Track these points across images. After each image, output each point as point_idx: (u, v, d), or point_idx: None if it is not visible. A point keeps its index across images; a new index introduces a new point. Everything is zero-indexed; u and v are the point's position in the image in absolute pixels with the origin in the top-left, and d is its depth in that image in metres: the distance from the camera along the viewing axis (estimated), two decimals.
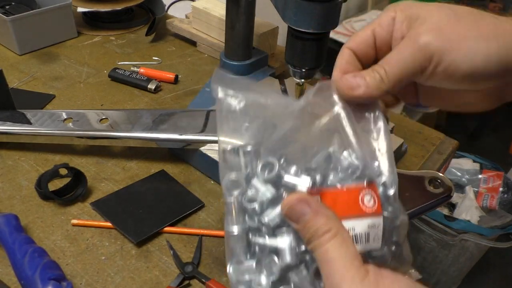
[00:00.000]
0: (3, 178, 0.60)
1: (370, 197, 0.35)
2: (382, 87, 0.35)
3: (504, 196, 1.59)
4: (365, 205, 0.34)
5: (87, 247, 0.52)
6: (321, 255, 0.31)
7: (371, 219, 0.34)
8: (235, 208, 0.35)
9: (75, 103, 0.76)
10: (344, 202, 0.34)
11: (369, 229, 0.34)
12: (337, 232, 0.32)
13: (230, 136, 0.36)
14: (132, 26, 1.01)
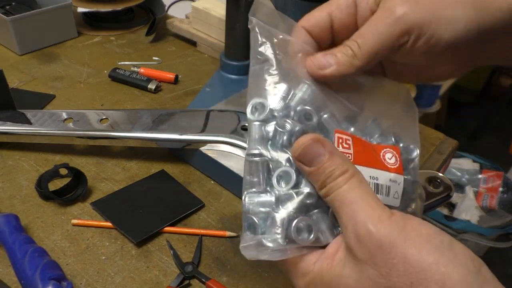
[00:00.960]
0: (4, 178, 0.60)
1: (392, 155, 0.35)
2: (355, 63, 0.33)
3: (503, 196, 1.60)
4: (387, 161, 0.35)
5: (87, 247, 0.52)
6: (340, 196, 0.30)
7: (393, 174, 0.34)
8: (259, 133, 0.33)
9: (75, 103, 0.76)
10: (370, 153, 0.34)
11: (391, 183, 0.34)
12: (354, 173, 0.30)
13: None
14: (132, 26, 1.01)
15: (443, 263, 0.26)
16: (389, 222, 0.28)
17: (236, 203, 0.59)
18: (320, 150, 0.30)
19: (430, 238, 0.27)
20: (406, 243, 0.27)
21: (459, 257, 0.27)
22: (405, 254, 0.27)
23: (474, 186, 1.63)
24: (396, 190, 0.34)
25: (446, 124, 2.30)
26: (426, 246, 0.27)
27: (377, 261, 0.27)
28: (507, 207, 1.57)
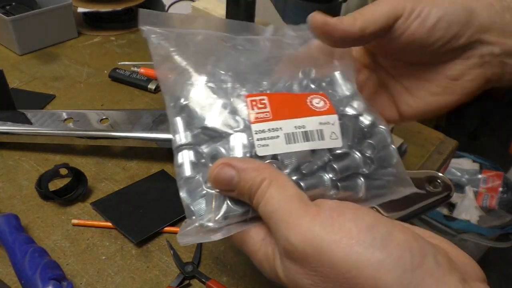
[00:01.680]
0: (4, 178, 0.60)
1: (319, 100, 0.35)
2: (357, 23, 0.36)
3: (503, 196, 1.60)
4: (314, 105, 0.34)
5: (87, 247, 0.52)
6: (264, 208, 0.29)
7: (323, 116, 0.33)
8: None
9: (75, 103, 0.76)
10: (292, 105, 0.34)
11: (323, 126, 0.33)
12: (272, 178, 0.29)
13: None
14: (132, 26, 1.01)
15: (373, 265, 0.24)
16: (312, 224, 0.27)
17: None
18: (229, 172, 0.30)
19: (360, 237, 0.25)
20: (333, 247, 0.25)
21: (394, 255, 0.25)
22: (332, 260, 0.25)
23: (474, 186, 1.63)
24: (331, 130, 0.33)
25: (446, 124, 2.30)
26: (355, 247, 0.25)
27: (308, 271, 0.26)
28: (507, 207, 1.57)
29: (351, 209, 0.27)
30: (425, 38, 0.36)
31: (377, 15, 0.36)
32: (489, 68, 0.37)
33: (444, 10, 0.36)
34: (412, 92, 0.41)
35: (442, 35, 0.36)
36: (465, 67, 0.38)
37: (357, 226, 0.26)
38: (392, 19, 0.36)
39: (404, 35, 0.36)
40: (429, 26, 0.36)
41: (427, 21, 0.36)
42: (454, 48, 0.37)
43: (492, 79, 0.38)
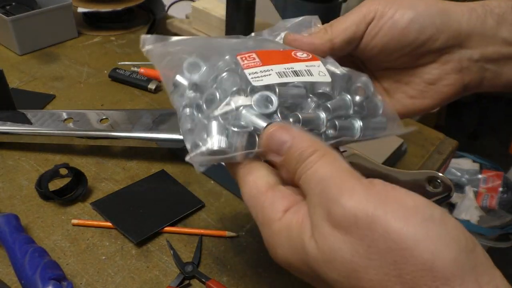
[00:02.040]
0: (4, 178, 0.60)
1: (303, 52, 0.37)
2: (326, 36, 0.36)
3: (503, 196, 1.60)
4: (298, 56, 0.36)
5: (87, 247, 0.52)
6: (309, 177, 0.27)
7: (308, 62, 0.36)
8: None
9: (75, 103, 0.76)
10: (279, 56, 0.36)
11: (309, 68, 0.35)
12: (326, 152, 0.28)
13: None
14: (133, 26, 1.01)
15: (432, 239, 0.23)
16: (366, 193, 0.25)
17: (237, 203, 0.59)
18: (284, 136, 0.29)
19: (417, 211, 0.24)
20: (388, 216, 0.24)
21: (452, 233, 0.24)
22: (386, 228, 0.23)
23: (474, 186, 1.63)
24: (318, 70, 0.35)
25: (446, 124, 2.30)
26: (412, 219, 0.24)
27: (353, 239, 0.24)
28: (507, 207, 1.57)
29: (402, 188, 0.26)
30: (398, 40, 0.36)
31: (347, 24, 0.36)
32: (467, 73, 0.37)
33: (416, 12, 0.36)
34: (391, 94, 0.41)
35: (416, 36, 0.36)
36: (442, 71, 0.38)
37: (414, 201, 0.25)
38: (363, 24, 0.36)
39: (377, 37, 0.37)
40: (401, 28, 0.36)
41: (399, 23, 0.36)
42: (430, 51, 0.37)
43: (470, 85, 0.38)
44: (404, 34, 0.36)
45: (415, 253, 0.23)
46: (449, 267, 0.22)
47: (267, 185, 0.31)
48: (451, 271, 0.22)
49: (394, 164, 0.68)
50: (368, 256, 0.24)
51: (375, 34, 0.37)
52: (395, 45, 0.37)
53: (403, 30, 0.36)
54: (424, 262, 0.23)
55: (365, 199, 0.25)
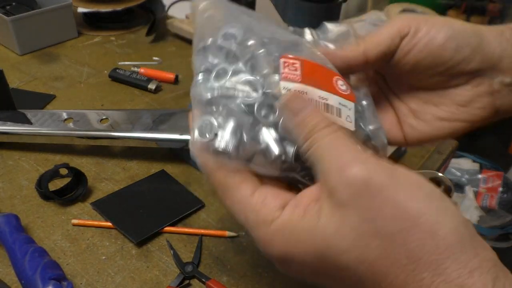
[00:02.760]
0: (4, 178, 0.60)
1: (343, 82, 0.35)
2: (359, 48, 0.35)
3: (503, 196, 1.60)
4: (339, 87, 0.34)
5: (87, 247, 0.53)
6: (324, 145, 0.28)
7: (344, 99, 0.34)
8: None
9: (75, 103, 0.76)
10: (321, 76, 0.34)
11: (341, 107, 0.33)
12: (339, 128, 0.29)
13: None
14: (133, 26, 1.01)
15: (435, 211, 0.25)
16: (378, 164, 0.26)
17: None
18: (304, 102, 0.30)
19: (421, 186, 0.26)
20: (397, 188, 0.25)
21: (451, 208, 0.26)
22: (394, 198, 0.25)
23: (474, 186, 1.63)
24: (347, 114, 0.33)
25: None
26: (418, 193, 0.25)
27: (362, 204, 0.25)
28: (507, 207, 1.57)
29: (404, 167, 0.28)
30: (433, 58, 0.35)
31: (381, 37, 0.35)
32: (498, 97, 0.36)
33: (453, 30, 0.34)
34: (418, 115, 0.39)
35: (452, 56, 0.35)
36: (474, 93, 0.36)
37: (417, 178, 0.26)
38: (397, 38, 0.35)
39: (411, 53, 0.35)
40: (438, 45, 0.34)
41: (436, 40, 0.34)
42: (464, 72, 0.36)
43: (502, 109, 0.37)
44: (440, 52, 0.35)
45: (419, 222, 0.24)
46: (450, 236, 0.24)
47: (252, 187, 0.31)
48: (453, 239, 0.24)
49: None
50: (376, 224, 0.25)
51: (409, 50, 0.35)
52: (429, 63, 0.35)
53: (439, 47, 0.34)
54: (428, 230, 0.24)
55: (378, 169, 0.26)
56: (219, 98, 0.32)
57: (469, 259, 0.24)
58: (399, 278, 0.24)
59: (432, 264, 0.24)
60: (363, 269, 0.25)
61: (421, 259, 0.24)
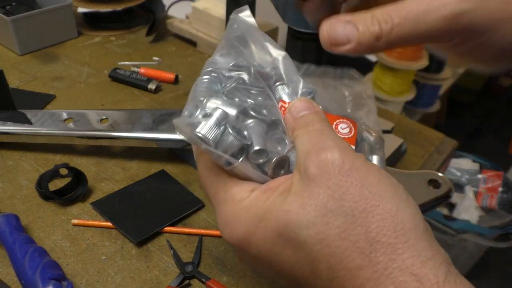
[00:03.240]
0: (4, 178, 0.60)
1: (347, 126, 0.35)
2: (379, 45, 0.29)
3: (503, 196, 1.60)
4: (339, 131, 0.35)
5: (87, 247, 0.53)
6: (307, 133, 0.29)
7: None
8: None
9: (75, 103, 0.76)
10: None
11: None
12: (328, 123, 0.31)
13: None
14: (133, 26, 1.01)
15: (398, 198, 0.26)
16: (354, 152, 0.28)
17: None
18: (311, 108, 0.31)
19: (388, 177, 0.27)
20: (367, 172, 0.26)
21: (410, 199, 0.27)
22: (363, 180, 0.26)
23: (474, 186, 1.63)
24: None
25: (446, 124, 2.30)
26: (385, 180, 0.27)
27: (332, 183, 0.26)
28: (507, 207, 1.57)
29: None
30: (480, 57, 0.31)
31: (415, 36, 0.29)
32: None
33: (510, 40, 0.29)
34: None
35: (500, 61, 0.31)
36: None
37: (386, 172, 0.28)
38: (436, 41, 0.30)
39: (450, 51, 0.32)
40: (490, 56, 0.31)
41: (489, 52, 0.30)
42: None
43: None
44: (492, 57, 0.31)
45: (383, 203, 0.25)
46: (408, 221, 0.25)
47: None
48: (410, 225, 0.25)
49: (394, 164, 0.68)
50: (342, 203, 0.25)
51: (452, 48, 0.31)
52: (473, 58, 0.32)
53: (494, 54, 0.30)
54: (389, 211, 0.25)
55: (352, 154, 0.27)
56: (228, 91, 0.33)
57: (424, 248, 0.24)
58: (355, 262, 0.25)
59: (389, 247, 0.24)
60: (319, 248, 0.25)
61: (378, 242, 0.24)
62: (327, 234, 0.25)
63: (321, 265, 0.26)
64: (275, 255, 0.28)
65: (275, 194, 0.28)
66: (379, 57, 1.28)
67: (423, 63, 1.26)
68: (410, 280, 0.23)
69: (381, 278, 0.24)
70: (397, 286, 0.23)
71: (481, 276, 1.67)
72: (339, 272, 0.25)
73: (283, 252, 0.27)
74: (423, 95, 1.68)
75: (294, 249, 0.26)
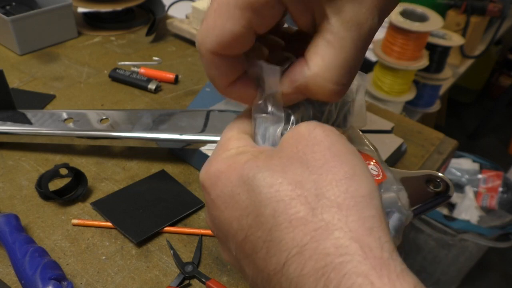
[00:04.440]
0: (4, 178, 0.60)
1: (375, 166, 0.35)
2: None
3: (503, 196, 1.60)
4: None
5: (87, 247, 0.53)
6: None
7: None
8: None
9: (75, 103, 0.76)
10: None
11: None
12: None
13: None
14: (133, 26, 1.01)
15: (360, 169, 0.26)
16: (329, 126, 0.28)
17: None
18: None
19: (356, 153, 0.27)
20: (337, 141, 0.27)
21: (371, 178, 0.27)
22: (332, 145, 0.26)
23: (474, 186, 1.63)
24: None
25: (446, 124, 2.30)
26: (352, 152, 0.27)
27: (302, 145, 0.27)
28: (507, 207, 1.57)
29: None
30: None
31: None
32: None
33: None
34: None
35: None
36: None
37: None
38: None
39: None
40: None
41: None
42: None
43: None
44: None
45: (343, 167, 0.25)
46: (363, 188, 0.25)
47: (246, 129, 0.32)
48: (364, 192, 0.24)
49: (394, 164, 0.68)
50: (303, 156, 0.26)
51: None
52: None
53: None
54: (345, 174, 0.25)
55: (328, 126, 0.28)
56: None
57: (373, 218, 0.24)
58: (299, 214, 0.24)
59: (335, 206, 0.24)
60: (267, 192, 0.25)
61: (327, 199, 0.24)
62: (280, 181, 0.25)
63: (266, 210, 0.25)
64: (232, 197, 0.28)
65: (255, 148, 0.29)
66: (379, 57, 1.28)
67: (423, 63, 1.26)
68: (351, 245, 0.22)
69: (322, 236, 0.23)
70: (338, 248, 0.23)
71: (481, 276, 1.67)
72: (281, 225, 0.24)
73: (239, 195, 0.27)
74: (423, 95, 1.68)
75: (248, 193, 0.26)
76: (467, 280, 1.61)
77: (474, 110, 2.60)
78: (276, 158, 0.27)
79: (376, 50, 1.30)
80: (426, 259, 1.50)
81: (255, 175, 0.26)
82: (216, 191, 0.29)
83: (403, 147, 0.70)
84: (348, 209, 0.24)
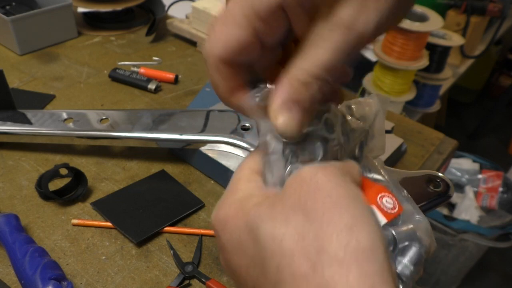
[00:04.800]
0: (4, 178, 0.60)
1: (391, 199, 0.34)
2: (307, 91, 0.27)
3: (503, 196, 1.60)
4: (383, 204, 0.33)
5: (87, 247, 0.53)
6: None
7: (388, 220, 0.32)
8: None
9: (75, 103, 0.76)
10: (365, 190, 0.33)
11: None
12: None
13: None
14: (132, 26, 1.01)
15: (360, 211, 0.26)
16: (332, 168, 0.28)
17: None
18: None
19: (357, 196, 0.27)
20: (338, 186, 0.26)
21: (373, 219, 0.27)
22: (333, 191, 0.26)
23: (474, 186, 1.63)
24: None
25: (446, 124, 2.30)
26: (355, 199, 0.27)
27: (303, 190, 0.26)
28: (507, 207, 1.57)
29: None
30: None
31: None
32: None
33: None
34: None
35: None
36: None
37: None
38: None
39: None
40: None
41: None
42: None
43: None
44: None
45: (343, 214, 0.25)
46: (365, 239, 0.24)
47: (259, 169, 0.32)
48: (366, 244, 0.24)
49: (394, 164, 0.68)
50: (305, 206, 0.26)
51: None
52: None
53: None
54: (346, 224, 0.24)
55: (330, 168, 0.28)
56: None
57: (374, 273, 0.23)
58: (302, 268, 0.24)
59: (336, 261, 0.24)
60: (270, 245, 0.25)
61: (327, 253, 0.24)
62: (283, 232, 0.25)
63: (271, 264, 0.25)
64: (240, 244, 0.28)
65: (262, 192, 0.29)
66: (379, 57, 1.28)
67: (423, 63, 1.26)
68: None
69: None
70: None
71: (481, 276, 1.67)
72: (286, 281, 0.25)
73: (246, 242, 0.27)
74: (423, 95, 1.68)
75: (254, 242, 0.27)
76: (467, 280, 1.61)
77: (474, 110, 2.59)
78: (279, 205, 0.27)
79: (376, 50, 1.30)
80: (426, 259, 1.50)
81: (259, 226, 0.26)
82: (226, 236, 0.29)
83: (403, 147, 0.70)
84: (348, 266, 0.23)
